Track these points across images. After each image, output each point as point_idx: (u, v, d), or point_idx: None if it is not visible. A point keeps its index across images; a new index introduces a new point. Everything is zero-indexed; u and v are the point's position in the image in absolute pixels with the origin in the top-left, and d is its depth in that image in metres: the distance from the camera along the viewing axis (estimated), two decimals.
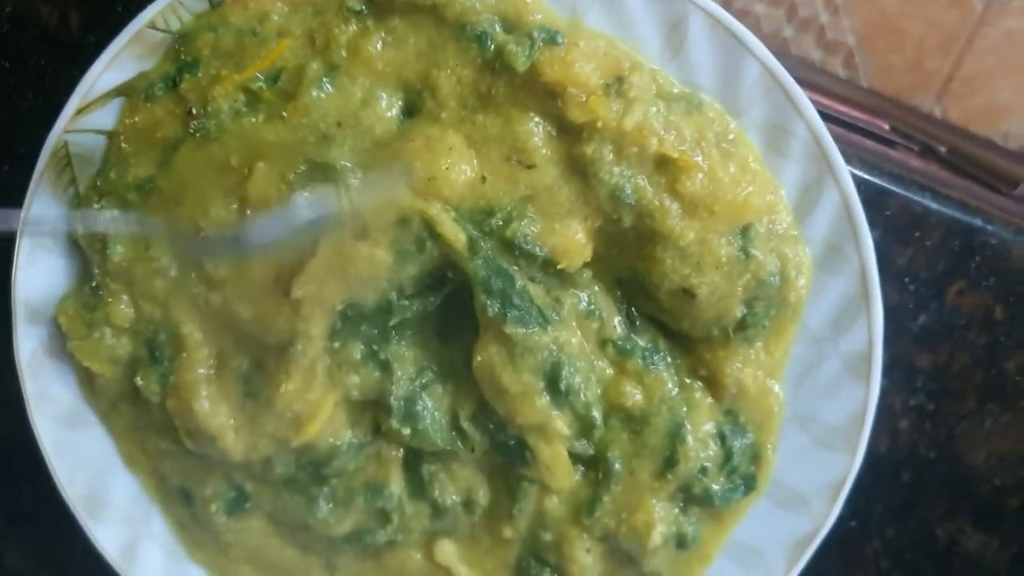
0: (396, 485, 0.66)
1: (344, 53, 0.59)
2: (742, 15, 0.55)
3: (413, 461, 0.66)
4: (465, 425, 0.63)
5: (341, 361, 0.61)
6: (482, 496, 0.66)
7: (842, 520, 0.68)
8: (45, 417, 0.67)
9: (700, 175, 0.58)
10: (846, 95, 1.21)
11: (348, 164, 0.57)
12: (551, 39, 0.57)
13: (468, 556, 0.69)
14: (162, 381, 0.63)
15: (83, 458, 0.68)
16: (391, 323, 0.60)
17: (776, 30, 1.55)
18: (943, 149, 0.93)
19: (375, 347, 0.61)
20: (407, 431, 0.62)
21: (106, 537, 0.69)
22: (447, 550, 0.68)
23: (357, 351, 0.61)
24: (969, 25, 1.65)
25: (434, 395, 0.63)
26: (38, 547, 0.77)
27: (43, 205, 0.63)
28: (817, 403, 0.64)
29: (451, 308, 0.62)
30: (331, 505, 0.65)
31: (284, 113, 0.59)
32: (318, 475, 0.65)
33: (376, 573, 0.70)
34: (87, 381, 0.67)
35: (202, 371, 0.62)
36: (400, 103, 0.59)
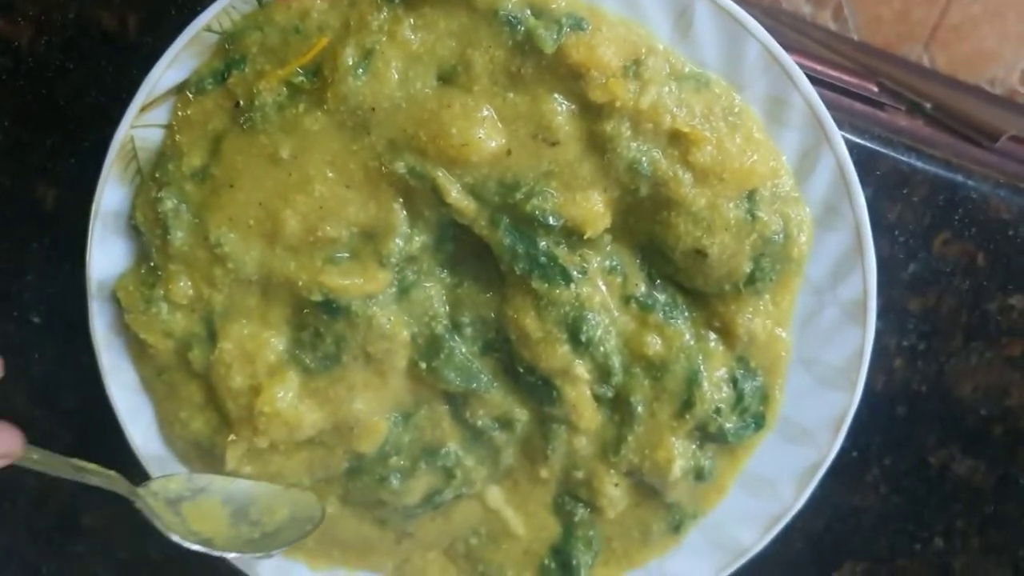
0: (452, 441, 0.70)
1: (378, 38, 0.61)
2: None
3: (454, 407, 0.71)
4: (493, 357, 0.69)
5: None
6: (519, 413, 0.70)
7: (844, 451, 0.71)
8: (119, 386, 0.72)
9: (709, 147, 0.61)
10: (836, 48, 1.24)
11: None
12: (577, 25, 0.60)
13: (513, 500, 0.74)
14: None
15: (155, 421, 0.73)
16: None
17: None
18: (928, 105, 0.97)
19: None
20: (423, 366, 0.68)
21: None
22: (495, 495, 0.74)
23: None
24: None
25: (460, 327, 0.68)
26: (113, 507, 0.79)
27: (113, 194, 0.67)
28: (819, 347, 0.68)
29: (467, 243, 0.66)
30: (399, 478, 0.70)
31: (326, 105, 0.61)
32: (381, 457, 0.70)
33: (445, 528, 0.75)
34: (139, 350, 0.71)
35: (272, 357, 0.68)
36: (434, 75, 0.61)
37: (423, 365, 0.68)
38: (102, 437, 0.74)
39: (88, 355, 0.71)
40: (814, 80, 0.64)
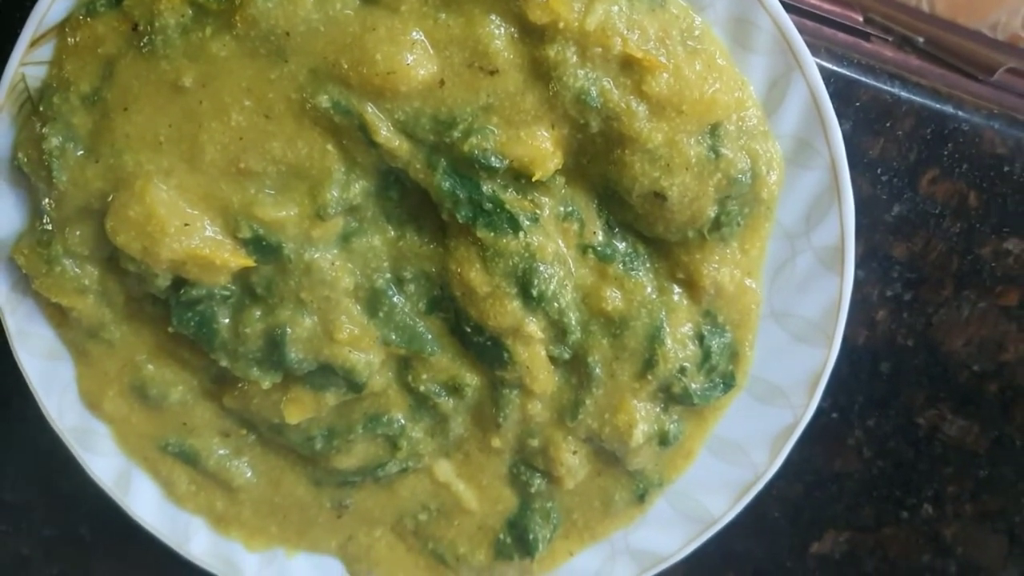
0: (396, 410, 0.67)
1: None
2: None
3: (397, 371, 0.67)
4: (439, 316, 0.65)
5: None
6: (468, 378, 0.66)
7: (823, 412, 0.70)
8: (29, 352, 0.68)
9: (666, 75, 0.57)
10: None
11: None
12: None
13: (464, 472, 0.71)
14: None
15: (71, 390, 0.69)
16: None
17: None
18: (921, 39, 0.91)
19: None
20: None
21: (100, 467, 0.70)
22: (444, 469, 0.71)
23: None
24: None
25: (403, 283, 0.64)
26: (35, 479, 0.78)
27: (5, 141, 0.62)
28: (792, 298, 0.65)
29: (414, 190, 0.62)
30: (327, 439, 0.67)
31: (235, 30, 0.57)
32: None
33: (389, 503, 0.72)
34: (59, 317, 0.67)
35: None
36: None
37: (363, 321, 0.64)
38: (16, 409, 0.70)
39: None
40: (790, 8, 0.60)
